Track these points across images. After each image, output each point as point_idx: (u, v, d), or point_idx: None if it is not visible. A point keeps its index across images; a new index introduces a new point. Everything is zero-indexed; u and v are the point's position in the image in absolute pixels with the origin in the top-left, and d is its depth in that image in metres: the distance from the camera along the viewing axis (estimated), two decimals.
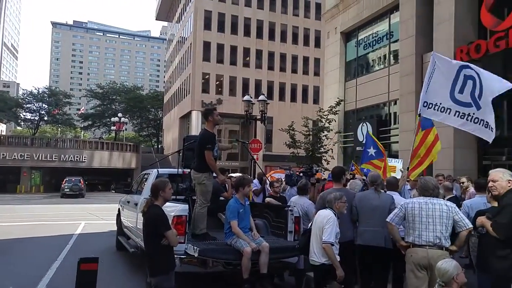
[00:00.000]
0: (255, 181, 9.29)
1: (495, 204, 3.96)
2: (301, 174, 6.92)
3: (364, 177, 7.44)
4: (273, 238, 5.88)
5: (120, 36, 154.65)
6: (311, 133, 15.07)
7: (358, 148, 18.60)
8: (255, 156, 14.88)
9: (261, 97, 15.38)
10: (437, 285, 3.21)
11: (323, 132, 14.84)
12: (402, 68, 16.50)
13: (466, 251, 6.48)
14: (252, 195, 8.73)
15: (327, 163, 14.84)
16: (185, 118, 42.62)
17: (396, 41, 17.82)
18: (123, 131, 48.46)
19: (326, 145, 14.77)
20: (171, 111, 50.52)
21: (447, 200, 5.48)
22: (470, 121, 5.52)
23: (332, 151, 14.85)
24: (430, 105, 5.77)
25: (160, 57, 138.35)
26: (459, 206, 6.08)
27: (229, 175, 12.33)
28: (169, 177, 7.62)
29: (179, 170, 6.88)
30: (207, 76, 39.54)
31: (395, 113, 18.08)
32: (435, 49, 14.46)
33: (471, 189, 7.14)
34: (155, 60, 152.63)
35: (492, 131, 5.39)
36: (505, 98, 11.82)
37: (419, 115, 6.15)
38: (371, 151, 8.56)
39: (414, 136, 6.43)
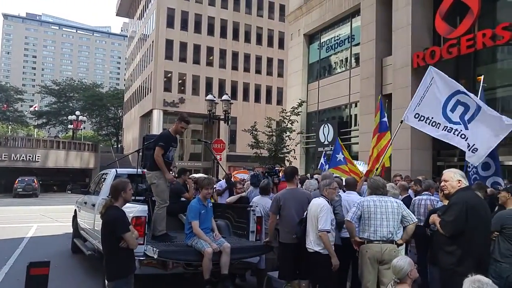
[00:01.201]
0: (222, 182, 9.20)
1: (446, 202, 4.14)
2: (266, 174, 6.90)
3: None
4: (235, 239, 5.85)
5: (78, 31, 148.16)
6: (274, 133, 15.15)
7: (319, 149, 18.94)
8: (218, 157, 14.77)
9: (224, 97, 15.29)
10: (392, 282, 3.32)
11: (286, 133, 14.98)
12: (362, 71, 16.98)
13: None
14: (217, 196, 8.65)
15: (290, 164, 14.98)
16: (146, 117, 41.63)
17: (357, 44, 18.30)
18: (81, 129, 46.52)
19: (288, 146, 14.91)
20: (132, 110, 49.19)
21: (402, 199, 5.73)
22: (457, 135, 5.80)
23: (294, 152, 15.02)
24: (422, 118, 5.98)
25: (121, 54, 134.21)
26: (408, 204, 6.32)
27: (190, 175, 12.14)
28: (129, 177, 7.37)
29: (139, 170, 6.67)
30: (169, 75, 38.83)
31: (355, 115, 18.57)
32: (394, 53, 15.02)
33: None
34: (115, 57, 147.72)
35: (473, 152, 5.69)
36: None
37: (401, 122, 6.33)
38: (340, 156, 8.73)
39: (372, 136, 6.65)
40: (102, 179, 7.49)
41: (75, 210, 8.60)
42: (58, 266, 7.05)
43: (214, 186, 8.95)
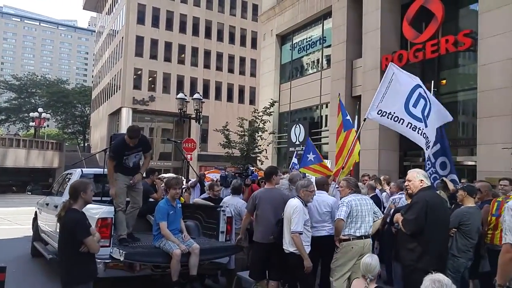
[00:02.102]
0: (193, 181, 9.09)
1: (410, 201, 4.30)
2: (236, 175, 6.87)
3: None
4: (205, 239, 5.79)
5: (41, 24, 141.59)
6: (246, 133, 15.13)
7: (291, 149, 19.11)
8: (188, 156, 14.59)
9: (196, 96, 15.12)
10: (368, 280, 3.43)
11: (258, 133, 14.99)
12: (333, 72, 17.26)
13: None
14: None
15: (261, 163, 15.01)
16: (115, 115, 40.59)
17: (328, 46, 18.60)
18: (44, 127, 44.67)
19: (260, 146, 14.93)
20: (100, 108, 47.82)
21: (370, 198, 5.87)
22: (420, 134, 5.86)
23: (266, 152, 15.06)
24: (384, 113, 6.02)
25: (88, 49, 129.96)
26: (380, 203, 6.50)
27: (160, 175, 11.93)
28: (95, 177, 7.19)
29: (105, 170, 6.48)
30: (139, 72, 38.02)
31: (326, 115, 18.86)
32: (364, 55, 15.36)
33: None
34: (82, 52, 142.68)
35: (427, 149, 5.88)
36: None
37: (365, 119, 6.42)
38: (310, 156, 8.79)
39: (337, 136, 6.75)
40: (67, 179, 7.22)
41: (36, 212, 8.23)
42: (16, 271, 6.73)
43: (184, 186, 8.86)
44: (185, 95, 15.32)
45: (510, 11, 10.71)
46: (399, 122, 5.89)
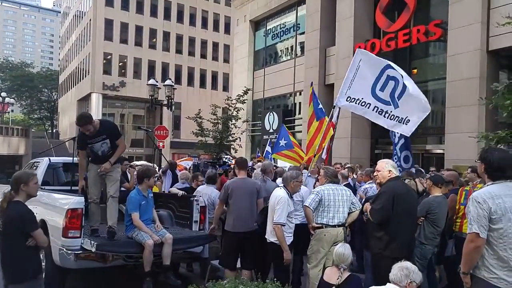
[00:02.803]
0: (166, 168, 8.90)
1: None
2: (208, 164, 6.77)
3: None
4: (178, 229, 5.72)
5: (3, 3, 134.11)
6: (219, 121, 14.98)
7: (265, 137, 19.13)
8: (160, 144, 14.33)
9: (167, 82, 14.78)
10: (341, 270, 3.49)
11: (231, 121, 14.88)
12: (307, 60, 17.27)
13: None
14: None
15: (235, 152, 14.95)
16: (84, 100, 39.29)
17: (302, 33, 18.56)
18: (9, 113, 42.73)
19: (234, 134, 14.84)
20: (68, 93, 46.12)
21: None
22: (387, 117, 5.91)
23: (240, 140, 14.99)
24: (353, 100, 6.04)
25: (54, 31, 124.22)
26: (354, 191, 6.62)
27: (131, 163, 11.63)
28: (64, 166, 6.95)
29: (75, 158, 6.24)
30: (109, 57, 36.81)
31: (300, 103, 18.93)
32: (337, 43, 15.43)
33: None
34: (47, 34, 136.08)
35: (406, 124, 5.81)
36: None
37: (334, 107, 6.44)
38: (282, 142, 8.87)
39: (308, 125, 6.77)
40: (34, 168, 6.93)
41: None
42: None
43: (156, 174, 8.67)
44: (157, 81, 14.95)
45: (478, 3, 10.97)
46: (366, 107, 5.96)
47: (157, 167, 14.46)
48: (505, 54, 10.99)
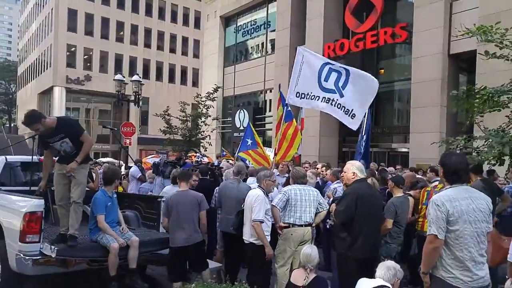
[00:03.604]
0: (135, 169, 8.62)
1: None
2: (169, 163, 6.59)
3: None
4: (145, 230, 5.57)
5: None
6: (188, 119, 14.75)
7: (235, 134, 19.06)
8: (127, 141, 13.96)
9: (135, 77, 14.39)
10: (308, 270, 3.51)
11: (201, 119, 14.69)
12: (277, 58, 17.32)
13: None
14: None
15: (205, 150, 14.78)
16: (46, 94, 37.66)
17: (273, 31, 18.58)
18: None
19: (204, 131, 14.67)
20: (28, 85, 44.02)
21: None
22: (334, 105, 6.07)
23: (209, 138, 14.84)
24: (303, 95, 6.16)
25: (13, 20, 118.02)
26: (322, 191, 6.70)
27: (97, 160, 11.21)
28: (22, 165, 6.58)
29: (35, 157, 5.95)
30: (73, 49, 35.40)
31: (270, 100, 18.98)
32: (307, 43, 15.55)
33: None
34: (5, 23, 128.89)
35: (352, 118, 5.97)
36: None
37: (286, 105, 6.53)
38: (249, 141, 8.85)
39: (276, 129, 6.84)
40: None
41: None
42: None
43: (123, 172, 8.46)
44: (123, 77, 14.52)
45: (440, 8, 11.38)
46: (316, 100, 6.12)
47: (124, 165, 14.10)
48: (464, 58, 11.47)
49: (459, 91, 5.28)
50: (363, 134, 7.40)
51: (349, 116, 6.00)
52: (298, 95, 6.21)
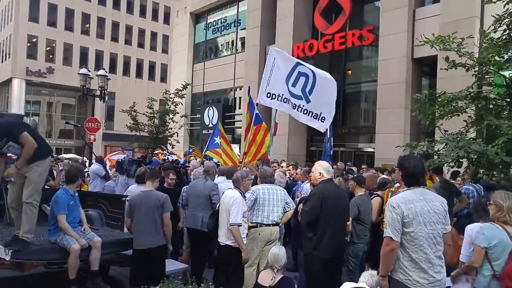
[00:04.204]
0: (97, 166, 8.33)
1: None
2: (133, 162, 6.42)
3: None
4: (108, 230, 5.41)
5: None
6: (155, 115, 14.44)
7: (204, 132, 18.89)
8: (92, 137, 13.52)
9: (101, 72, 13.92)
10: (275, 271, 3.51)
11: (169, 115, 14.42)
12: (247, 57, 17.30)
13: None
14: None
15: (172, 147, 14.53)
16: (4, 86, 35.78)
17: (243, 29, 18.53)
18: None
19: (171, 128, 14.41)
20: None
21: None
22: (300, 111, 6.17)
23: (177, 135, 14.60)
24: (274, 96, 6.19)
25: None
26: (290, 190, 6.75)
27: (59, 156, 10.77)
28: None
29: None
30: (34, 40, 33.80)
31: (240, 98, 18.94)
32: (277, 42, 15.63)
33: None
34: None
35: (323, 121, 6.11)
36: None
37: (257, 104, 6.54)
38: (217, 139, 8.80)
39: (246, 132, 6.88)
40: None
41: None
42: None
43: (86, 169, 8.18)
44: (89, 71, 13.99)
45: (405, 13, 11.75)
46: (286, 103, 6.22)
47: (88, 161, 13.65)
48: (427, 62, 11.90)
49: (421, 95, 5.47)
50: (329, 136, 7.55)
51: (318, 119, 6.12)
52: (269, 95, 6.24)
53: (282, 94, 6.21)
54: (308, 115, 6.16)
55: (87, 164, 12.91)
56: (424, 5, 12.33)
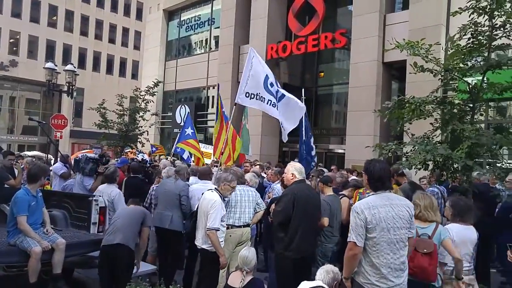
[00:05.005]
0: (57, 165, 8.02)
1: None
2: (90, 160, 6.23)
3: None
4: (74, 231, 5.23)
5: None
6: (126, 113, 14.08)
7: (175, 130, 18.61)
8: (58, 134, 13.04)
9: (68, 67, 13.46)
10: (244, 273, 3.49)
11: (139, 113, 14.10)
12: (221, 56, 17.19)
13: None
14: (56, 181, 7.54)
15: (142, 146, 14.23)
16: None
17: (217, 27, 18.40)
18: None
19: (142, 127, 14.10)
20: None
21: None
22: (275, 107, 6.27)
23: (147, 133, 14.31)
24: (252, 95, 6.25)
25: None
26: (263, 190, 6.75)
27: (22, 153, 10.31)
28: None
29: None
30: None
31: (213, 97, 18.79)
32: (251, 42, 15.62)
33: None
34: None
35: (284, 131, 6.43)
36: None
37: (235, 104, 6.53)
38: (188, 130, 8.79)
39: (220, 127, 6.90)
40: None
41: None
42: None
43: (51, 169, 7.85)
44: (56, 65, 13.50)
45: (376, 18, 12.01)
46: (263, 101, 6.34)
47: (53, 160, 13.15)
48: (396, 66, 12.22)
49: (391, 101, 5.61)
50: (305, 139, 7.64)
51: (281, 126, 6.47)
52: (247, 95, 6.28)
53: (259, 93, 6.30)
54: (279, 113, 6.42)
55: (52, 162, 12.43)
56: (394, 11, 12.65)
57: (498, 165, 5.05)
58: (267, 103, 6.33)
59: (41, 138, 33.78)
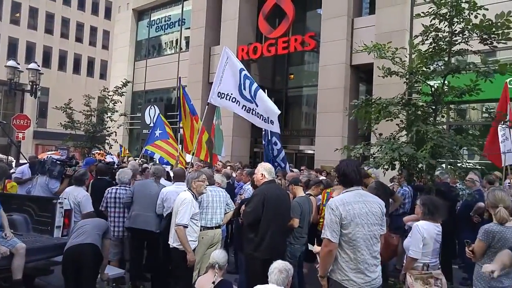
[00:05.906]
0: (24, 167, 7.64)
1: None
2: (57, 162, 6.03)
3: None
4: (35, 236, 5.02)
5: None
6: (93, 113, 13.69)
7: (144, 131, 18.27)
8: (20, 135, 12.52)
9: (32, 65, 12.95)
10: (215, 275, 3.48)
11: (107, 114, 13.74)
12: (191, 56, 17.05)
13: None
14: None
15: (110, 147, 13.88)
16: None
17: (188, 28, 18.24)
18: None
19: (110, 127, 13.75)
20: None
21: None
22: (254, 115, 6.25)
23: (116, 134, 13.97)
24: (225, 96, 6.20)
25: None
26: (233, 191, 6.75)
27: None
28: None
29: None
30: None
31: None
32: (222, 44, 15.58)
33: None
34: None
35: (273, 124, 6.26)
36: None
37: (208, 104, 6.49)
38: (157, 132, 8.66)
39: (191, 124, 6.83)
40: None
41: None
42: None
43: (14, 171, 7.53)
44: (18, 63, 12.96)
45: (344, 22, 12.28)
46: (237, 104, 6.30)
47: (14, 161, 12.64)
48: (364, 69, 12.54)
49: (358, 100, 5.74)
50: (270, 139, 7.68)
51: (268, 123, 6.28)
52: (219, 95, 6.24)
53: (232, 94, 6.26)
54: (260, 118, 6.27)
55: (13, 164, 11.93)
56: (362, 15, 12.98)
57: (459, 164, 5.26)
58: (242, 108, 6.26)
59: (2, 139, 32.22)
